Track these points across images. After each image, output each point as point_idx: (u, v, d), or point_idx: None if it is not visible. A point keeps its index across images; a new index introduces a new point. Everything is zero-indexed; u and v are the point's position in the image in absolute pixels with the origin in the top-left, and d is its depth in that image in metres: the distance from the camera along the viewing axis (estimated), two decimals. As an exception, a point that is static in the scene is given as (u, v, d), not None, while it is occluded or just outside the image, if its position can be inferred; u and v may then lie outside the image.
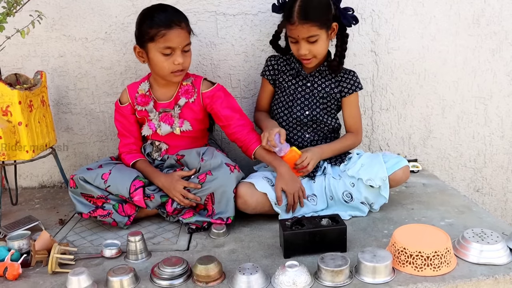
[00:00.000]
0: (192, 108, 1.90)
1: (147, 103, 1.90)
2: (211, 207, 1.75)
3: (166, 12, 1.80)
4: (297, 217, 1.59)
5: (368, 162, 1.83)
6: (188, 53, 1.83)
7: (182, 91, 1.89)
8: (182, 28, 1.78)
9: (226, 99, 1.89)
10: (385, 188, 1.78)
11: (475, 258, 1.44)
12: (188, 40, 1.81)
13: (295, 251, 1.53)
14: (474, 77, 2.30)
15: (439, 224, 1.71)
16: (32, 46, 2.15)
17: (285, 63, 1.99)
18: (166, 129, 1.89)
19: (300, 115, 1.94)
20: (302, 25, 1.78)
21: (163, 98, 1.91)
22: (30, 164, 2.22)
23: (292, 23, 1.79)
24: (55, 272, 1.48)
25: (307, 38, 1.80)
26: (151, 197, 1.78)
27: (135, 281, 1.40)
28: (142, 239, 1.56)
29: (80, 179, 1.76)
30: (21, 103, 1.79)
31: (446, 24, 2.23)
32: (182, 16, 1.82)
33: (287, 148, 1.80)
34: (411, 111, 2.34)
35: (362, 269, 1.37)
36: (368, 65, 2.25)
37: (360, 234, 1.66)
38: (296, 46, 1.85)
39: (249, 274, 1.35)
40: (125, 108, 1.93)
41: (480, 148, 2.41)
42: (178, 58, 1.77)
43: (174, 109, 1.89)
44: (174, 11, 1.83)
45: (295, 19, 1.77)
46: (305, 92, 1.95)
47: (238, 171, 1.77)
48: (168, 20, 1.75)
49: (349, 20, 1.89)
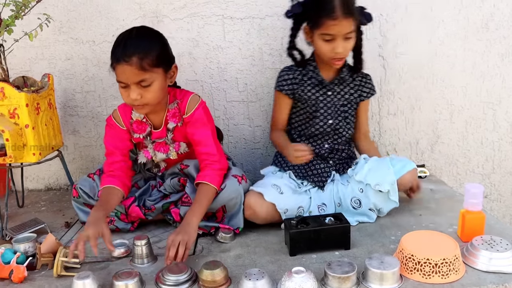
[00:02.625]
0: (182, 131, 1.79)
1: (144, 130, 1.79)
2: (222, 215, 1.75)
3: (123, 42, 1.60)
4: (302, 216, 1.63)
5: (375, 166, 1.79)
6: (148, 88, 1.61)
7: (170, 115, 1.76)
8: (131, 64, 1.56)
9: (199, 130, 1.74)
10: (394, 192, 1.76)
11: (484, 266, 1.42)
12: (140, 76, 1.58)
13: (301, 249, 1.56)
14: (483, 82, 2.29)
15: (447, 230, 1.68)
16: (39, 49, 2.16)
17: (302, 73, 1.89)
18: (161, 156, 1.81)
19: (323, 125, 1.89)
20: (346, 19, 1.70)
21: (156, 123, 1.79)
22: (36, 167, 2.21)
23: (335, 18, 1.69)
24: (61, 275, 1.48)
25: (346, 34, 1.73)
26: (152, 209, 1.78)
27: (140, 285, 1.39)
28: (148, 243, 1.55)
29: (81, 189, 1.78)
30: (28, 106, 1.79)
31: (454, 28, 2.21)
32: (140, 47, 1.58)
33: None
34: (419, 116, 2.32)
35: (370, 275, 1.35)
36: (375, 69, 2.23)
37: (367, 240, 1.65)
38: (330, 45, 1.75)
39: (255, 280, 1.34)
40: (122, 130, 1.80)
41: (489, 154, 2.38)
42: (131, 93, 1.61)
43: (167, 135, 1.79)
44: (132, 41, 1.60)
45: (338, 13, 1.68)
46: (327, 101, 1.89)
47: (246, 182, 1.76)
48: (117, 54, 1.59)
49: (367, 17, 1.83)
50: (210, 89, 2.21)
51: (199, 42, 2.15)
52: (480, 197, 1.56)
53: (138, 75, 1.58)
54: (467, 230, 1.59)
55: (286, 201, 1.72)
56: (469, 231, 1.58)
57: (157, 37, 1.69)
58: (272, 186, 1.75)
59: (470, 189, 1.56)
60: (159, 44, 1.65)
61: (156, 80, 1.62)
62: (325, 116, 1.89)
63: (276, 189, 1.74)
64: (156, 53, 1.61)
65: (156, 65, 1.61)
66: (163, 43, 1.68)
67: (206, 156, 1.71)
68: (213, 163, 1.70)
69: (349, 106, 1.92)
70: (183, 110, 1.75)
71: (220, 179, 1.69)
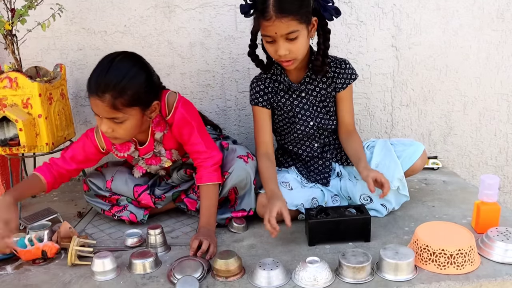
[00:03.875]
0: (170, 137, 1.71)
1: (128, 148, 1.71)
2: (234, 198, 1.74)
3: (100, 73, 1.49)
4: (322, 206, 1.63)
5: (383, 161, 1.73)
6: (120, 124, 1.52)
7: (154, 125, 1.67)
8: (103, 100, 1.46)
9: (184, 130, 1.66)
10: (404, 187, 1.73)
11: (500, 257, 1.40)
12: (111, 114, 1.49)
13: (320, 239, 1.56)
14: (497, 73, 2.26)
15: (461, 222, 1.67)
16: (51, 39, 2.16)
17: (272, 80, 1.78)
18: (155, 168, 1.78)
19: (305, 128, 1.80)
20: (280, 20, 1.53)
21: (141, 138, 1.71)
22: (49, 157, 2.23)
23: (268, 18, 1.53)
24: (74, 264, 1.48)
25: (286, 35, 1.56)
26: (162, 197, 1.79)
27: (156, 264, 1.45)
28: (162, 232, 1.56)
29: (90, 181, 1.79)
30: (41, 96, 1.80)
31: (469, 18, 2.18)
32: (115, 85, 1.46)
33: None
34: (432, 107, 2.30)
35: (384, 266, 1.35)
36: (388, 60, 2.21)
37: (380, 231, 1.64)
38: (273, 46, 1.60)
39: (269, 270, 1.33)
40: (97, 149, 1.72)
41: (502, 146, 2.36)
42: (102, 125, 1.52)
43: (155, 148, 1.72)
44: (108, 75, 1.47)
45: (271, 13, 1.53)
46: (303, 104, 1.78)
47: (252, 160, 1.73)
48: (91, 85, 1.50)
49: (331, 13, 1.64)
50: (222, 80, 2.21)
51: (211, 32, 2.14)
52: (496, 188, 1.55)
53: (110, 113, 1.49)
54: (482, 221, 1.57)
55: (297, 195, 1.71)
56: (484, 222, 1.57)
57: (140, 72, 1.53)
58: (281, 184, 1.72)
59: (486, 180, 1.54)
60: (139, 81, 1.51)
61: (129, 119, 1.52)
62: (305, 120, 1.79)
63: (285, 187, 1.73)
64: (133, 92, 1.48)
65: (131, 105, 1.49)
66: (145, 80, 1.53)
67: (197, 154, 1.68)
68: (205, 160, 1.66)
69: (328, 101, 1.81)
70: (164, 112, 1.65)
71: (216, 172, 1.66)
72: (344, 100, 1.81)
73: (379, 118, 2.29)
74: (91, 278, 1.42)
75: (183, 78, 2.20)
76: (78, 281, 1.41)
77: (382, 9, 2.13)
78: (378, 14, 2.15)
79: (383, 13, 2.14)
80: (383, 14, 2.15)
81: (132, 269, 1.44)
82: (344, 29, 2.15)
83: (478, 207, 1.58)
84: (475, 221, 1.61)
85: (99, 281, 1.40)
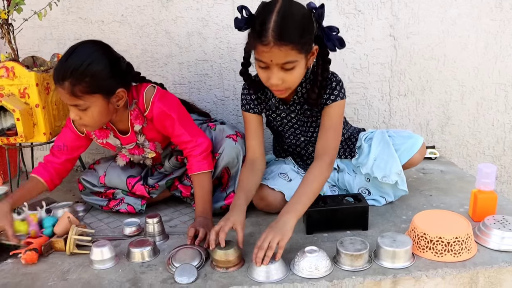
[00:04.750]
0: (152, 129, 1.70)
1: (106, 135, 1.71)
2: (227, 179, 1.75)
3: (62, 61, 1.48)
4: (320, 194, 1.60)
5: (381, 155, 1.71)
6: (85, 111, 1.51)
7: (133, 118, 1.66)
8: (63, 88, 1.46)
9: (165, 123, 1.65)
10: (402, 181, 1.71)
11: (496, 245, 1.41)
12: (73, 101, 1.48)
13: (317, 228, 1.56)
14: (495, 63, 2.26)
15: (458, 210, 1.68)
16: (48, 29, 2.15)
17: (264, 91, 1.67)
18: (138, 158, 1.79)
19: (296, 142, 1.76)
20: (278, 48, 1.36)
21: (121, 127, 1.69)
22: (46, 147, 2.22)
23: (266, 43, 1.37)
24: (73, 253, 1.49)
25: (282, 64, 1.41)
26: (156, 186, 1.79)
27: (154, 253, 1.46)
28: (160, 221, 1.56)
29: (85, 180, 1.80)
30: (38, 85, 1.79)
31: (467, 8, 2.18)
32: (73, 72, 1.44)
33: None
34: (430, 97, 2.30)
35: (382, 253, 1.35)
36: (386, 49, 2.21)
37: (378, 219, 1.65)
38: (266, 73, 1.45)
39: (269, 263, 1.32)
40: (77, 135, 1.72)
41: (500, 136, 2.37)
42: (70, 113, 1.53)
43: (137, 139, 1.71)
44: (67, 62, 1.46)
45: (270, 39, 1.36)
46: (293, 123, 1.70)
47: (241, 137, 1.74)
48: (54, 73, 1.48)
49: (334, 43, 1.48)
50: (220, 69, 2.20)
51: (208, 21, 2.13)
52: (493, 177, 1.55)
53: (71, 100, 1.48)
54: (479, 210, 1.58)
55: (296, 187, 1.65)
56: (481, 210, 1.57)
57: (101, 59, 1.49)
58: (279, 175, 1.72)
59: (483, 168, 1.55)
60: (99, 68, 1.48)
61: (92, 106, 1.50)
62: (295, 136, 1.75)
63: (283, 178, 1.72)
64: (92, 79, 1.46)
65: (91, 92, 1.47)
66: (105, 67, 1.49)
67: (184, 144, 1.67)
68: (193, 149, 1.66)
69: (319, 116, 1.65)
70: (142, 108, 1.64)
71: (206, 160, 1.66)
72: (324, 117, 1.59)
73: (377, 107, 2.29)
74: (89, 267, 1.42)
75: (181, 68, 2.20)
76: (77, 269, 1.41)
77: (380, -2, 2.13)
78: (376, 3, 2.14)
79: (381, 3, 2.14)
80: (381, 4, 2.14)
81: (130, 257, 1.44)
82: (342, 19, 2.15)
83: (475, 196, 1.59)
84: (472, 210, 1.61)
85: (97, 270, 1.41)
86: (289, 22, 1.37)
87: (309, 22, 1.43)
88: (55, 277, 1.38)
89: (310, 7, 1.45)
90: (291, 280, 1.31)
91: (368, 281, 1.30)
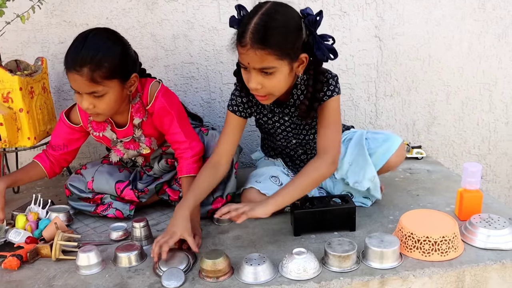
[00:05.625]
0: (150, 123, 1.71)
1: (103, 128, 1.71)
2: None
3: (76, 48, 1.49)
4: (307, 196, 1.60)
5: (355, 160, 1.66)
6: (100, 98, 1.52)
7: (134, 111, 1.67)
8: (81, 74, 1.46)
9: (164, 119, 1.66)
10: (375, 188, 1.68)
11: (482, 243, 1.42)
12: (91, 88, 1.49)
13: (305, 230, 1.56)
14: (479, 63, 2.28)
15: (444, 210, 1.69)
16: (32, 32, 2.12)
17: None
18: (133, 153, 1.77)
19: (288, 144, 1.74)
20: (254, 51, 1.33)
21: (120, 120, 1.71)
22: (31, 152, 2.20)
23: (243, 45, 1.35)
24: (59, 259, 1.47)
25: (260, 69, 1.37)
26: (145, 191, 1.78)
27: (141, 257, 1.45)
28: (147, 225, 1.55)
29: (72, 186, 1.78)
30: (22, 90, 1.77)
31: (451, 9, 2.20)
32: (92, 58, 1.46)
33: None
34: (416, 97, 2.32)
35: (370, 254, 1.36)
36: (372, 50, 2.22)
37: (365, 220, 1.65)
38: (246, 74, 1.42)
39: (256, 265, 1.32)
40: (73, 129, 1.73)
41: (485, 135, 2.39)
42: (83, 102, 1.53)
43: (134, 132, 1.72)
44: (85, 49, 1.47)
45: (247, 41, 1.33)
46: (285, 126, 1.67)
47: None
48: (68, 61, 1.49)
49: (324, 53, 1.41)
50: (206, 72, 2.19)
51: (194, 24, 2.12)
52: (478, 175, 1.56)
53: (89, 87, 1.49)
54: (465, 208, 1.59)
55: None
56: (467, 209, 1.59)
57: (116, 45, 1.54)
58: (270, 178, 1.70)
59: (468, 167, 1.56)
60: (115, 53, 1.51)
61: (109, 92, 1.52)
62: (286, 138, 1.72)
63: (274, 182, 1.70)
64: (110, 64, 1.48)
65: (110, 77, 1.50)
66: (121, 52, 1.54)
67: (177, 144, 1.67)
68: (185, 151, 1.66)
69: (315, 119, 1.61)
70: (145, 101, 1.66)
71: (197, 164, 1.65)
72: (321, 113, 1.54)
73: (363, 108, 2.30)
74: (76, 273, 1.41)
75: (167, 70, 2.19)
76: (63, 275, 1.40)
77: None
78: (362, 4, 2.15)
79: (366, 4, 2.15)
80: (366, 5, 2.15)
81: (117, 262, 1.43)
82: (327, 20, 2.15)
83: (461, 195, 1.60)
84: (458, 209, 1.62)
85: (84, 275, 1.39)
86: (270, 26, 1.33)
87: (295, 28, 1.38)
88: (41, 284, 1.36)
89: (303, 13, 1.41)
90: (279, 282, 1.31)
91: (356, 282, 1.31)
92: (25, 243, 1.52)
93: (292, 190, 1.47)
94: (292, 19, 1.39)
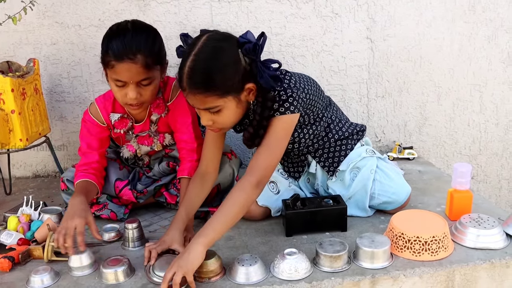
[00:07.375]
0: (166, 121, 1.74)
1: (125, 125, 1.73)
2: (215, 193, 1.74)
3: (123, 38, 1.50)
4: (298, 195, 1.61)
5: (355, 198, 1.66)
6: (148, 86, 1.56)
7: (154, 107, 1.70)
8: (136, 62, 1.49)
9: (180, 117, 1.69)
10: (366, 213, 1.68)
11: (472, 243, 1.44)
12: (144, 75, 1.52)
13: (297, 230, 1.57)
14: (470, 64, 2.30)
15: (435, 210, 1.70)
16: (24, 34, 2.12)
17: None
18: (146, 149, 1.78)
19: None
20: (194, 95, 1.32)
21: (138, 117, 1.73)
22: (23, 153, 2.20)
23: (183, 89, 1.34)
24: (51, 260, 1.47)
25: (204, 109, 1.36)
26: (144, 192, 1.78)
27: (129, 272, 1.37)
28: (139, 226, 1.55)
29: (68, 180, 1.76)
30: (14, 91, 1.77)
31: (442, 11, 2.22)
32: (143, 44, 1.51)
33: None
34: (407, 99, 2.33)
35: (361, 254, 1.37)
36: (363, 52, 2.24)
37: (356, 220, 1.66)
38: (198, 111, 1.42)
39: (248, 266, 1.32)
40: (101, 127, 1.73)
41: (475, 136, 2.41)
42: (130, 92, 1.54)
43: (150, 128, 1.74)
44: (134, 37, 1.50)
45: (185, 85, 1.32)
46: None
47: (236, 157, 1.77)
48: (119, 51, 1.49)
49: (267, 81, 1.34)
50: (199, 73, 2.19)
51: (186, 25, 2.13)
52: (468, 176, 1.58)
53: (142, 74, 1.51)
54: (455, 209, 1.61)
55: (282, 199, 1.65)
56: (457, 210, 1.60)
57: (154, 31, 1.60)
58: (268, 185, 1.67)
59: (458, 168, 1.58)
60: (158, 39, 1.59)
61: (155, 77, 1.57)
62: None
63: (272, 189, 1.68)
64: (158, 49, 1.55)
65: (158, 62, 1.56)
66: (160, 38, 1.61)
67: (184, 144, 1.69)
68: (190, 153, 1.67)
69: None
70: (166, 97, 1.70)
71: None
72: (267, 130, 1.44)
73: (355, 109, 2.32)
74: (68, 274, 1.41)
75: (160, 72, 2.19)
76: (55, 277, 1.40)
77: (356, 1, 2.15)
78: (353, 6, 2.17)
79: (357, 5, 2.16)
80: (358, 6, 2.17)
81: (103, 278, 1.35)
82: (319, 21, 2.17)
83: (451, 195, 1.62)
84: (449, 209, 1.64)
85: (76, 277, 1.39)
86: (203, 68, 1.29)
87: (231, 63, 1.32)
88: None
89: (240, 42, 1.33)
90: (270, 282, 1.31)
91: (347, 282, 1.32)
92: (17, 244, 1.52)
93: (220, 226, 1.32)
94: (226, 54, 1.33)
